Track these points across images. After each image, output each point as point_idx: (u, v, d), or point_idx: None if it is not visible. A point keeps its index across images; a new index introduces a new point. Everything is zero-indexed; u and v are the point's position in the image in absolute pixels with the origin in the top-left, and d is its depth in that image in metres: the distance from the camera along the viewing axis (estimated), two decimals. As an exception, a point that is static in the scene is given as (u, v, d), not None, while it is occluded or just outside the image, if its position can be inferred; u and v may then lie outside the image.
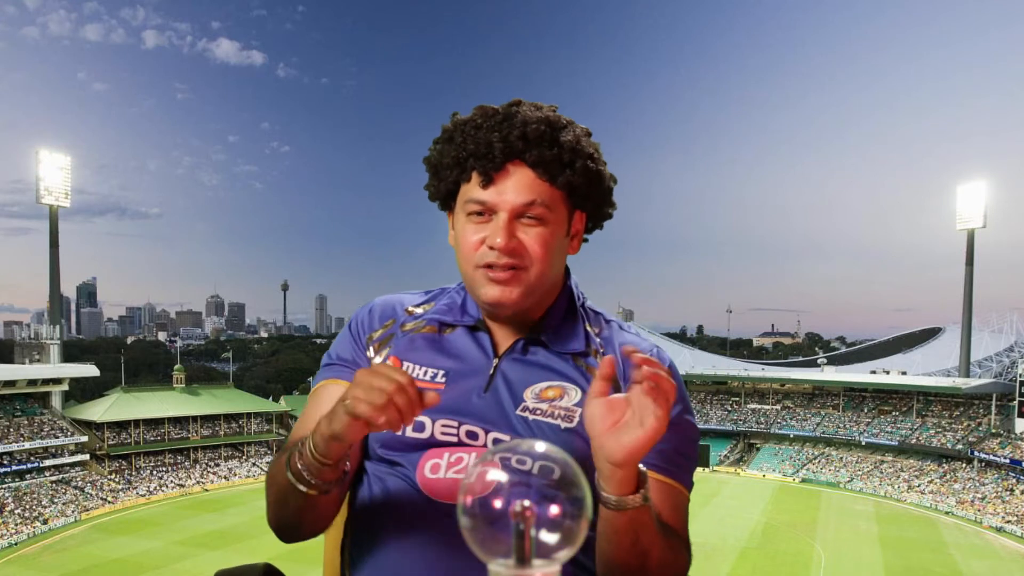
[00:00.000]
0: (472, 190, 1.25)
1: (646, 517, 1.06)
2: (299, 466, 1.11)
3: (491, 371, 1.32)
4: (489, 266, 1.23)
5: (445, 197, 1.33)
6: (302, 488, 1.12)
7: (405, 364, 1.33)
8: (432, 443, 1.27)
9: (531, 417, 1.26)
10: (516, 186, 1.22)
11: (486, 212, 1.23)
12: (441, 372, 1.33)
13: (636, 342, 1.37)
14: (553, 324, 1.35)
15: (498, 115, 1.24)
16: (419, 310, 1.43)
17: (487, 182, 1.22)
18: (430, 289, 1.50)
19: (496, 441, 1.25)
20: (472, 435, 1.27)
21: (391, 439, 1.30)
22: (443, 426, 1.27)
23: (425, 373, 1.33)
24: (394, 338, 1.40)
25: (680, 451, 1.30)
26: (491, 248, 1.22)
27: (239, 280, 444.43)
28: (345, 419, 0.99)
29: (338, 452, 1.08)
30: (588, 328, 1.39)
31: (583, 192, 1.28)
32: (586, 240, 1.39)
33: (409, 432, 1.28)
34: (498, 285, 1.24)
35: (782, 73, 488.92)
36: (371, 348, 1.40)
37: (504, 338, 1.36)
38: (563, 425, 1.26)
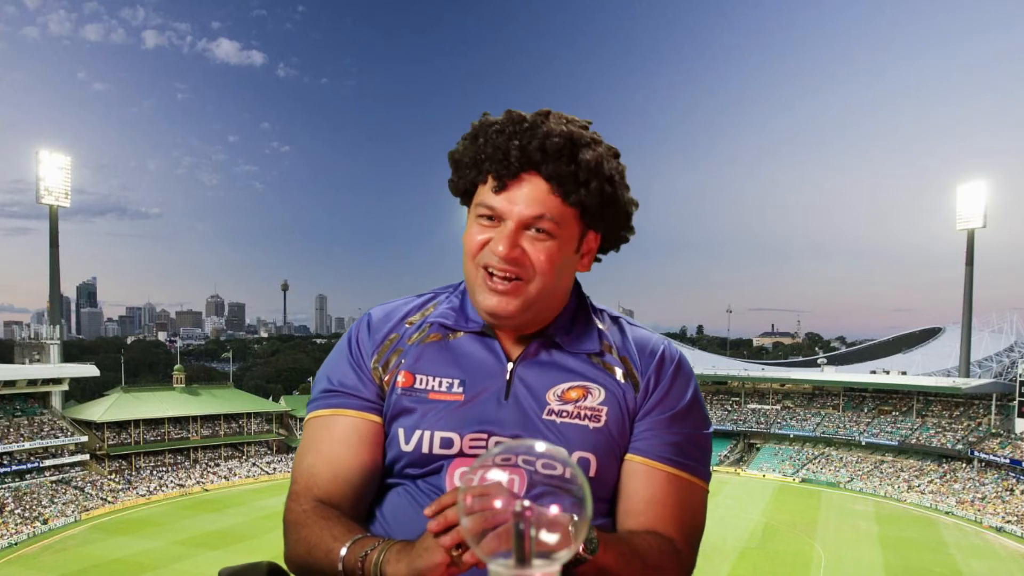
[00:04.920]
0: (485, 193, 1.23)
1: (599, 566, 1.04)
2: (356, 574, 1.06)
3: (507, 376, 1.29)
4: (489, 270, 1.22)
5: (463, 194, 1.32)
6: None
7: (419, 377, 1.31)
8: (461, 455, 1.26)
9: (558, 420, 1.25)
10: (527, 197, 1.20)
11: (495, 218, 1.22)
12: (457, 381, 1.30)
13: (646, 337, 1.38)
14: (563, 325, 1.34)
15: (524, 123, 1.21)
16: (418, 317, 1.40)
17: (500, 188, 1.21)
18: (421, 292, 1.47)
19: None
20: None
21: (420, 459, 1.27)
22: (472, 439, 1.25)
23: (440, 384, 1.30)
24: (401, 353, 1.35)
25: (693, 442, 1.30)
26: (493, 253, 1.21)
27: (239, 280, 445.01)
28: (437, 558, 0.89)
29: None
30: (600, 326, 1.38)
31: (596, 213, 1.24)
32: (599, 260, 1.36)
33: (438, 450, 1.26)
34: (496, 294, 1.22)
35: (782, 73, 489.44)
36: (377, 370, 1.35)
37: (513, 342, 1.33)
38: (591, 426, 1.26)
